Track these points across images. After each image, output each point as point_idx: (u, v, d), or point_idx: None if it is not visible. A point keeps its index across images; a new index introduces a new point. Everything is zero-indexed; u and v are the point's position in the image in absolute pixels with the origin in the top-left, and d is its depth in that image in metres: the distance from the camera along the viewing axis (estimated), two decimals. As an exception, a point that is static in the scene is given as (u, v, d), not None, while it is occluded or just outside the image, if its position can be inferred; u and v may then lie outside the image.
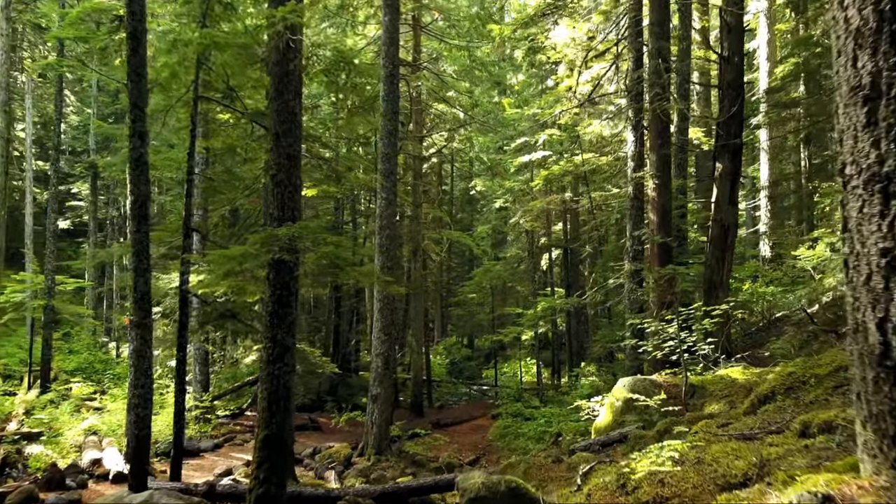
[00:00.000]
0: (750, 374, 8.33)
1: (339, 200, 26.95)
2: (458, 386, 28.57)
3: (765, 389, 5.72)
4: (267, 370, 6.78)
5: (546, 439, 15.70)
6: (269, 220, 6.98)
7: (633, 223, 13.10)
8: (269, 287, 6.89)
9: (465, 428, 19.45)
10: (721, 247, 12.22)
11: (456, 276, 40.01)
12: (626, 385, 8.64)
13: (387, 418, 14.26)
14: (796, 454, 3.08)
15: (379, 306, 14.28)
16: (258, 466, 6.56)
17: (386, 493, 8.12)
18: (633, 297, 12.71)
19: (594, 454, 7.51)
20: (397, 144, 15.15)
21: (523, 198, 23.88)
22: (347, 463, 13.71)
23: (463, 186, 41.63)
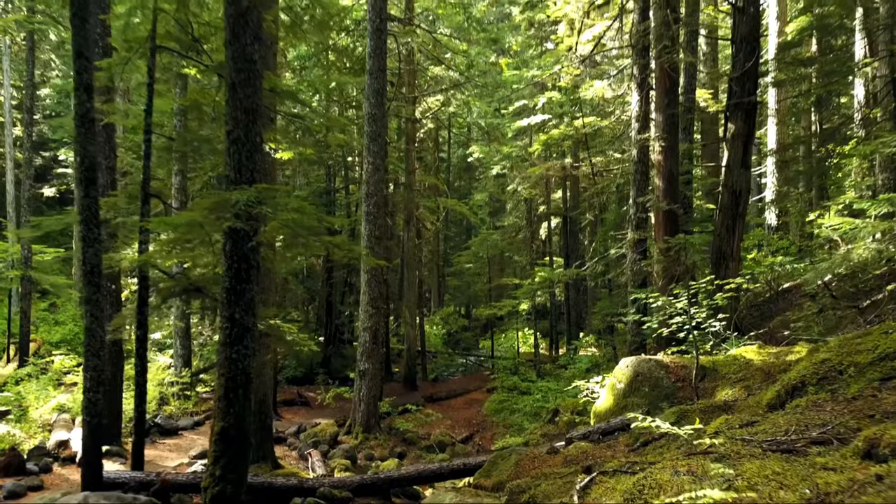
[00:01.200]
0: (766, 354, 7.55)
1: (330, 167, 26.01)
2: (453, 357, 27.96)
3: (793, 378, 4.92)
4: (224, 354, 5.98)
5: (542, 416, 15.04)
6: (226, 184, 6.12)
7: (638, 189, 12.21)
8: (225, 259, 6.05)
9: (460, 402, 18.82)
10: (731, 214, 11.36)
11: (453, 246, 39.19)
12: (629, 365, 7.87)
13: (375, 395, 13.57)
14: (868, 490, 2.29)
15: (366, 278, 13.47)
16: (214, 462, 5.80)
17: (364, 485, 7.41)
18: (635, 269, 11.89)
19: (594, 444, 6.76)
20: (385, 105, 14.18)
21: (521, 164, 22.90)
22: (334, 441, 13.06)
23: (461, 153, 40.56)
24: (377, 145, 13.42)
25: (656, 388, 7.45)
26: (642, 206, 12.04)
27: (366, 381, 13.37)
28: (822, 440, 3.37)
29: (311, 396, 18.07)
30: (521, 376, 19.42)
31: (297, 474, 8.18)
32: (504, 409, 16.66)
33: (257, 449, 10.42)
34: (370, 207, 13.43)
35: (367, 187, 13.51)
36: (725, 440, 3.88)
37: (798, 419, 3.96)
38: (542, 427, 14.44)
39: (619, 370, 8.01)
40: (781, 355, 7.29)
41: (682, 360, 7.77)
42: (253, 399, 10.49)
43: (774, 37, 19.52)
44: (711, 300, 7.65)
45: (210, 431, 6.02)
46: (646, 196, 11.95)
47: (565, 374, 16.32)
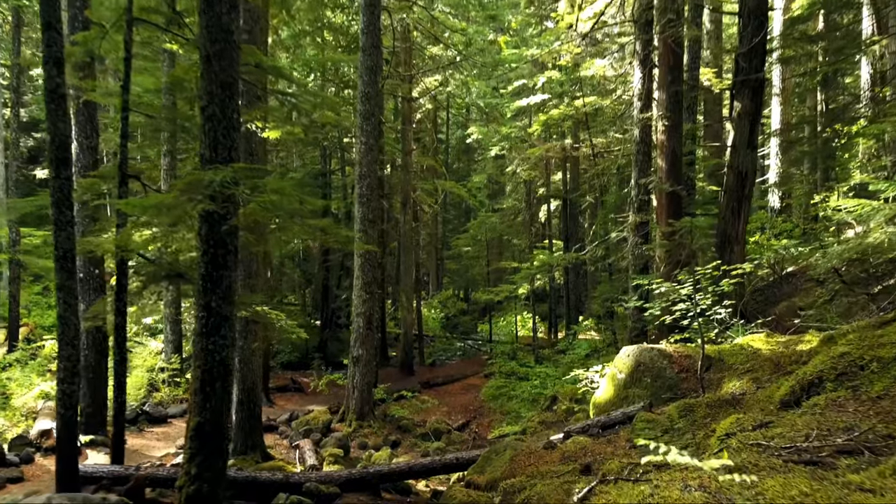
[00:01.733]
0: (774, 343, 7.19)
1: (325, 148, 25.53)
2: (451, 341, 27.68)
3: (809, 373, 4.56)
4: (200, 344, 5.61)
5: (540, 403, 14.75)
6: (202, 163, 5.71)
7: (639, 170, 11.79)
8: (201, 244, 5.66)
9: (457, 388, 18.54)
10: (737, 197, 10.96)
11: (452, 229, 38.78)
12: (630, 355, 7.51)
13: (369, 381, 13.25)
14: (920, 522, 1.93)
15: (360, 262, 13.09)
16: (189, 460, 5.46)
17: (353, 480, 7.08)
18: (637, 253, 11.51)
19: (593, 438, 6.43)
20: (379, 83, 13.70)
21: (520, 145, 22.42)
22: (327, 429, 12.76)
23: (459, 135, 40.00)
24: (371, 125, 12.97)
25: (659, 378, 7.10)
26: (644, 187, 11.63)
27: (360, 368, 13.04)
28: (849, 449, 3.00)
29: (306, 382, 17.77)
30: (519, 361, 19.13)
31: (283, 468, 7.86)
32: (501, 396, 16.37)
33: (246, 439, 10.12)
34: (363, 189, 13.01)
35: (361, 168, 13.08)
36: (739, 445, 3.52)
37: (819, 421, 3.59)
38: (539, 414, 14.15)
39: (619, 359, 7.66)
40: (791, 345, 6.93)
41: (686, 350, 7.42)
42: (240, 388, 10.19)
43: (780, 13, 18.97)
44: (717, 286, 7.27)
45: (186, 427, 5.67)
46: (648, 177, 11.54)
47: (564, 359, 16.01)
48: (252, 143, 10.05)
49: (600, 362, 14.93)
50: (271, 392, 15.92)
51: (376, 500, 7.03)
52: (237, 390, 10.17)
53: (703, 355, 6.56)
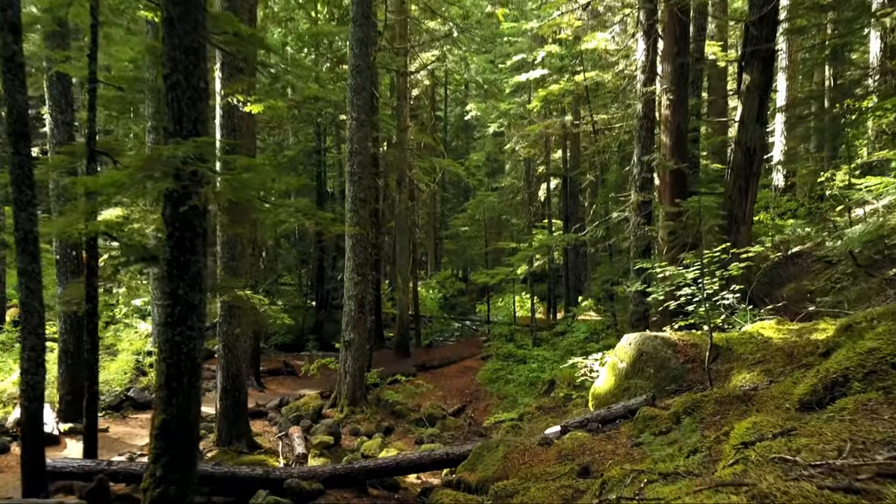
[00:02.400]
0: (786, 331, 6.74)
1: (319, 125, 24.91)
2: (449, 322, 27.32)
3: (833, 370, 4.11)
4: (165, 335, 5.16)
5: (538, 387, 14.39)
6: (165, 137, 5.21)
7: (642, 147, 11.26)
8: (165, 226, 5.18)
9: (453, 370, 18.17)
10: (745, 174, 10.46)
11: (451, 208, 38.24)
12: (632, 343, 7.07)
13: (362, 366, 12.85)
14: None
15: (351, 243, 12.61)
16: (154, 461, 5.03)
17: (337, 475, 6.67)
18: (639, 234, 11.03)
19: (592, 433, 6.00)
20: (371, 56, 13.11)
21: (519, 121, 21.82)
22: (318, 415, 12.38)
23: (458, 112, 39.26)
24: (362, 99, 12.40)
25: (662, 369, 6.66)
26: (647, 165, 11.11)
27: (351, 352, 12.62)
28: (893, 472, 2.55)
29: (299, 365, 17.36)
30: (516, 343, 18.74)
31: (264, 462, 7.45)
32: (498, 379, 16.00)
33: (231, 427, 9.74)
34: (354, 167, 12.49)
35: (352, 145, 12.54)
36: (759, 458, 3.07)
37: (850, 431, 3.14)
38: (537, 399, 13.78)
39: (621, 348, 7.22)
40: (805, 333, 6.48)
41: (692, 338, 6.97)
42: (224, 375, 9.77)
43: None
44: (725, 270, 6.81)
45: (150, 424, 5.24)
46: (651, 154, 11.01)
47: (562, 342, 15.60)
48: (234, 118, 9.52)
49: (600, 345, 14.54)
50: (262, 376, 15.55)
51: (362, 497, 6.63)
52: (221, 377, 9.77)
53: (712, 345, 6.11)
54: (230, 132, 9.52)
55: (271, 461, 7.44)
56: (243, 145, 9.58)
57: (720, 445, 3.99)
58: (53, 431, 9.81)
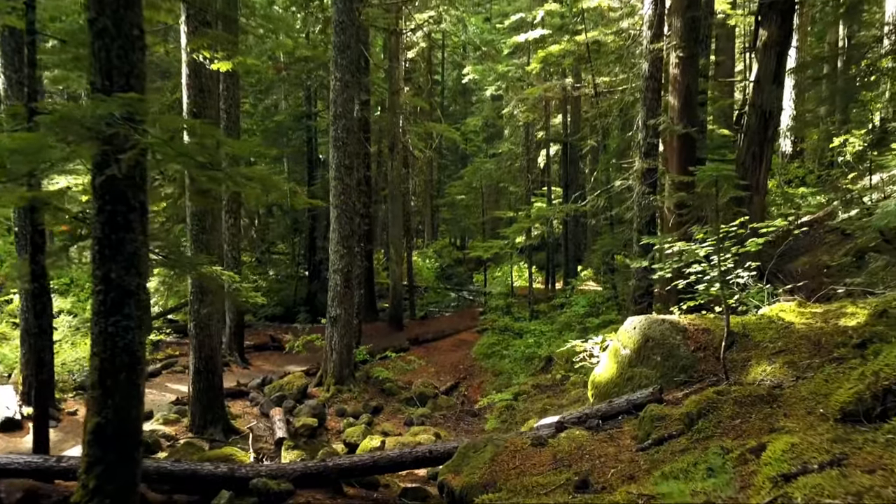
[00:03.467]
0: (809, 314, 6.03)
1: (309, 89, 23.88)
2: (445, 293, 26.70)
3: (885, 374, 3.41)
4: (98, 326, 4.45)
5: (535, 363, 13.78)
6: (93, 93, 4.43)
7: (648, 110, 10.41)
8: (95, 199, 4.43)
9: (448, 344, 17.56)
10: (759, 140, 9.67)
11: (449, 175, 37.32)
12: (636, 327, 6.37)
13: (348, 343, 12.20)
14: None
15: (336, 213, 11.85)
16: (87, 470, 4.37)
17: (309, 474, 6.03)
18: (643, 204, 10.25)
19: (591, 432, 5.33)
20: (355, 11, 12.16)
21: (518, 84, 20.84)
22: (302, 395, 11.77)
23: (456, 76, 38.08)
24: (346, 58, 11.51)
25: (671, 357, 5.97)
26: (653, 129, 10.28)
27: (338, 329, 11.97)
28: None
29: (287, 339, 16.76)
30: (513, 316, 18.10)
31: (231, 457, 6.81)
32: (494, 354, 15.39)
33: (204, 412, 9.12)
34: (339, 132, 11.65)
35: (336, 108, 11.69)
36: None
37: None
38: (533, 377, 13.16)
39: (624, 332, 6.52)
40: (831, 317, 5.78)
41: (704, 322, 6.26)
42: (196, 356, 9.10)
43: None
44: (742, 246, 6.06)
45: (83, 429, 4.56)
46: (658, 118, 10.18)
47: (561, 316, 14.95)
48: (202, 77, 8.66)
49: (600, 319, 13.87)
50: (247, 352, 14.93)
51: (336, 497, 6.01)
52: (193, 358, 9.11)
53: (728, 332, 5.40)
54: (198, 93, 8.69)
55: (240, 455, 6.82)
56: (211, 106, 8.76)
57: (748, 466, 3.30)
58: (16, 416, 9.20)
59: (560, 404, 10.41)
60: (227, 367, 13.74)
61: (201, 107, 8.63)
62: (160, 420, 9.25)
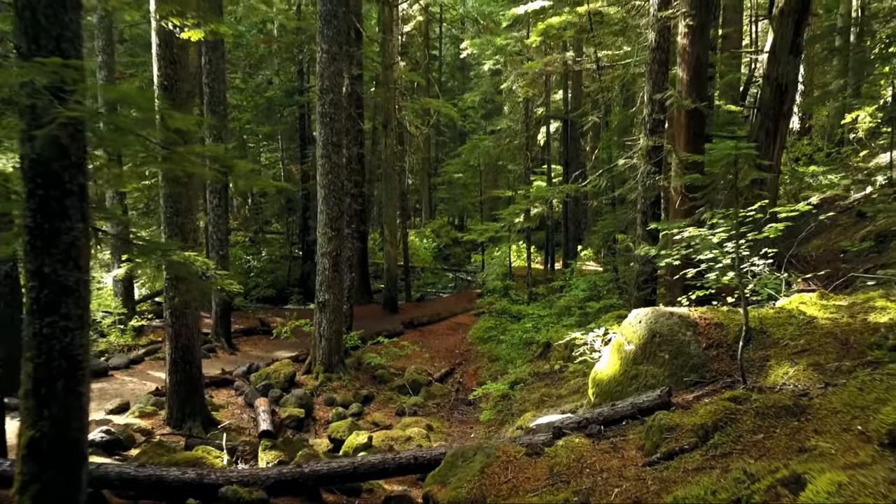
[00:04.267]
0: (833, 307, 5.48)
1: (301, 63, 23.09)
2: (442, 274, 26.18)
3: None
4: (32, 328, 3.91)
5: (533, 349, 13.28)
6: (18, 58, 3.84)
7: (654, 83, 9.75)
8: (25, 182, 3.85)
9: (443, 328, 17.08)
10: (773, 115, 9.05)
11: (448, 153, 36.59)
12: (642, 321, 5.82)
13: (338, 329, 11.68)
14: None
15: (323, 194, 11.25)
16: (21, 489, 3.85)
17: (284, 481, 5.53)
18: (648, 184, 9.66)
19: (592, 440, 4.81)
20: (344, -22, 11.45)
21: (517, 58, 20.09)
22: (290, 383, 11.28)
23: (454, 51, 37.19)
24: (333, 28, 10.83)
25: (680, 355, 5.44)
26: (660, 104, 9.64)
27: (326, 314, 11.44)
28: None
29: (278, 323, 16.26)
30: (511, 299, 17.61)
31: (201, 461, 6.30)
32: (491, 339, 14.91)
33: (182, 405, 8.62)
34: (326, 107, 11.01)
35: (322, 82, 11.04)
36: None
37: None
38: (531, 364, 12.66)
39: (628, 326, 5.97)
40: (858, 311, 5.23)
41: (716, 316, 5.71)
42: (173, 346, 8.57)
43: None
44: (760, 231, 5.50)
45: (17, 443, 4.03)
46: (665, 92, 9.53)
47: (560, 301, 14.42)
48: (173, 47, 8.01)
49: (601, 304, 13.33)
50: (235, 337, 14.41)
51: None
52: (169, 349, 8.58)
53: (746, 327, 4.85)
54: (169, 65, 8.05)
55: (212, 457, 6.31)
56: (184, 79, 8.12)
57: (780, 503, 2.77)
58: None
59: (559, 394, 9.93)
60: (213, 352, 13.26)
61: (172, 79, 8.00)
62: (136, 413, 8.75)
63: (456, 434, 9.76)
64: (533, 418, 8.78)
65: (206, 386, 10.76)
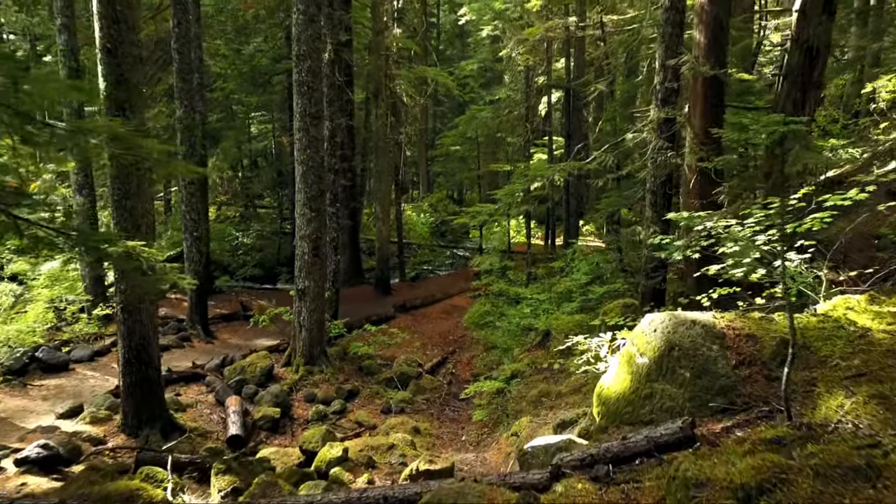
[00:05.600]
0: (890, 315, 4.53)
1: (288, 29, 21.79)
2: (439, 252, 25.22)
3: None
4: None
5: (531, 337, 12.40)
6: None
7: (667, 47, 8.67)
8: None
9: (437, 311, 16.21)
10: (802, 83, 8.01)
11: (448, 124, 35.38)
12: (657, 329, 4.89)
13: (319, 319, 10.78)
14: None
15: (301, 170, 10.26)
16: None
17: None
18: (659, 161, 8.64)
19: (598, 485, 3.90)
20: (322, -71, 10.29)
21: (516, 22, 18.87)
22: (268, 377, 10.42)
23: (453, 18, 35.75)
24: (309, -14, 9.72)
25: (705, 374, 4.51)
26: (674, 71, 8.57)
27: (306, 303, 10.54)
28: None
29: (263, 307, 15.36)
30: (508, 280, 16.67)
31: (135, 496, 5.38)
32: (487, 324, 14.02)
33: (138, 410, 7.76)
34: (303, 75, 9.96)
35: (299, 47, 9.97)
36: None
37: None
38: (529, 354, 11.80)
39: (641, 334, 5.04)
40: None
41: (747, 325, 4.77)
42: (125, 345, 7.65)
43: None
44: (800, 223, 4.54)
45: None
46: (680, 57, 8.46)
47: (560, 284, 13.49)
48: (116, 4, 6.96)
49: (604, 289, 12.37)
50: (214, 323, 13.54)
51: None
52: (122, 347, 7.68)
53: (793, 345, 3.90)
54: (112, 24, 7.00)
55: (149, 490, 5.41)
56: (131, 42, 7.08)
57: None
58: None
59: (558, 391, 9.08)
60: (187, 341, 12.39)
61: (117, 42, 6.95)
62: (87, 418, 7.88)
63: (446, 437, 8.93)
64: (529, 426, 7.92)
65: (174, 382, 9.94)
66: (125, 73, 7.08)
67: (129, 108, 7.19)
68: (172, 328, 12.76)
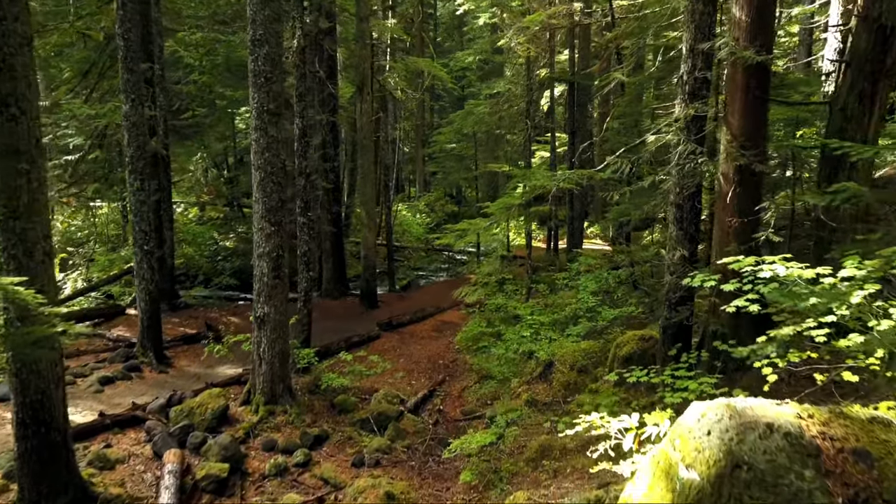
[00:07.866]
0: None
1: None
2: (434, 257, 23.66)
3: None
4: None
5: (532, 366, 10.83)
6: None
7: (696, 29, 7.06)
8: None
9: (427, 328, 14.64)
10: (871, 71, 6.40)
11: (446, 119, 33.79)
12: (711, 431, 3.30)
13: (283, 350, 9.22)
14: None
15: (259, 177, 8.66)
16: None
17: None
18: (687, 168, 7.05)
19: None
20: None
21: (516, 9, 17.26)
22: (221, 420, 8.85)
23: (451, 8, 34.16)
24: (265, -43, 8.11)
25: (792, 516, 2.91)
26: (705, 57, 6.96)
27: (266, 333, 8.97)
28: None
29: (233, 323, 13.79)
30: (506, 293, 15.06)
31: None
32: (481, 347, 12.41)
33: (37, 481, 6.19)
34: (259, 64, 8.36)
35: (255, 31, 8.37)
36: None
37: None
38: (528, 387, 10.25)
39: (685, 436, 3.43)
40: None
41: (849, 431, 3.16)
42: (18, 401, 6.08)
43: None
44: None
45: None
46: (714, 40, 6.84)
47: (563, 306, 11.88)
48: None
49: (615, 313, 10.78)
50: (171, 347, 11.98)
51: None
52: (15, 405, 6.11)
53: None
54: (-13, -5, 5.42)
55: None
56: (11, 15, 5.50)
57: None
58: None
59: (563, 446, 7.54)
60: (136, 371, 10.84)
61: None
62: None
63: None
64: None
65: (106, 429, 8.40)
66: (7, 56, 5.51)
67: (17, 104, 5.63)
68: (121, 355, 11.20)
